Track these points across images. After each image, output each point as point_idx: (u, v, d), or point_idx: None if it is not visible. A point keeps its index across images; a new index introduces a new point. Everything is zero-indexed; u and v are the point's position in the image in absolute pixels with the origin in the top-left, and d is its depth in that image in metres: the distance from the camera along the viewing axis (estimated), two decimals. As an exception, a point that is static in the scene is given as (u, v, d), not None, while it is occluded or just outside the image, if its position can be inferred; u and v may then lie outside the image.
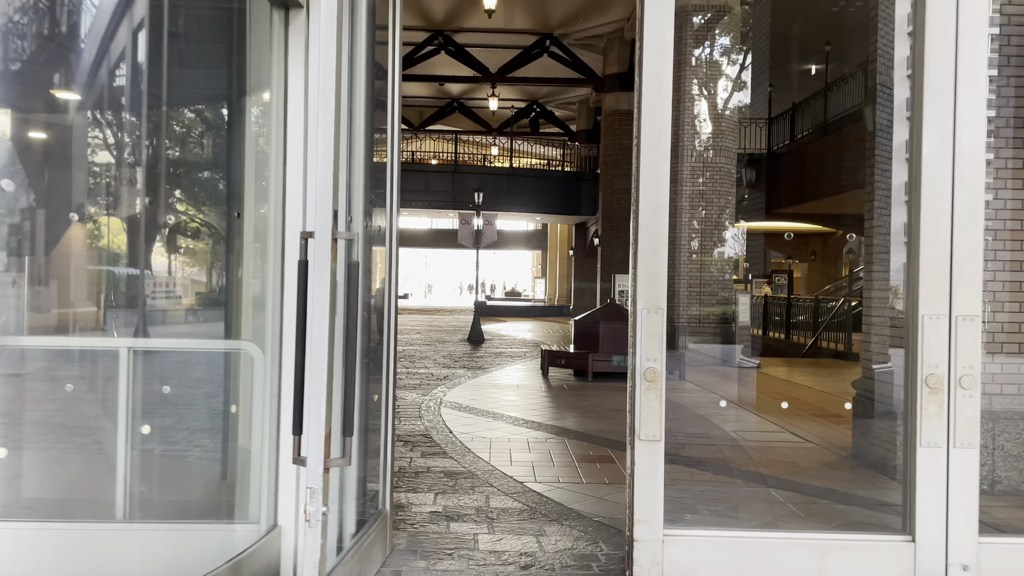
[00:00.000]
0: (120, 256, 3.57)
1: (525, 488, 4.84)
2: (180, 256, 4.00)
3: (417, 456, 5.66)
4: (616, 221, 19.66)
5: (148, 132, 3.55)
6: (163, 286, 3.93)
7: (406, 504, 4.40)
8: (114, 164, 3.55)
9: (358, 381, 3.19)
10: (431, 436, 6.40)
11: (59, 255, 3.47)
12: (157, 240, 3.62)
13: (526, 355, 13.82)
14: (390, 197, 3.48)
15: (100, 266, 3.55)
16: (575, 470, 5.35)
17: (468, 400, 8.43)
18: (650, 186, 3.15)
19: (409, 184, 24.38)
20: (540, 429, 6.85)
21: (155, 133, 3.64)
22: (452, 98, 28.27)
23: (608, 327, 10.52)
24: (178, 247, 3.82)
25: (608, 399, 8.79)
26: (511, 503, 4.49)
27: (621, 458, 5.71)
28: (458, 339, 17.17)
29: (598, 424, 7.14)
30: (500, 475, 5.14)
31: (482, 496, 4.62)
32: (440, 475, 5.10)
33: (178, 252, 3.99)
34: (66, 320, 3.63)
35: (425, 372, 11.00)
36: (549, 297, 35.46)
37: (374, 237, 3.56)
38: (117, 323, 3.52)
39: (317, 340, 2.54)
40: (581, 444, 6.25)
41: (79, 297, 3.62)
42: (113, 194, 3.47)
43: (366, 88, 3.21)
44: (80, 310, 3.52)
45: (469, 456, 5.68)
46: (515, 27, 20.68)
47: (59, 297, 3.58)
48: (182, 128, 4.05)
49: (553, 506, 4.46)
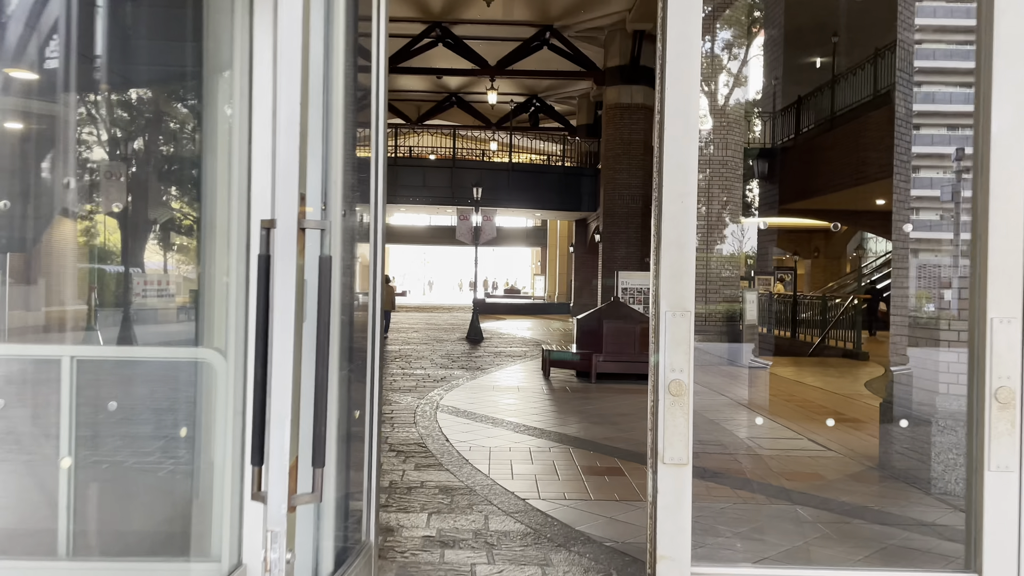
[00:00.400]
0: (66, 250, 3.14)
1: (528, 506, 4.41)
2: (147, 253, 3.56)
3: (410, 468, 5.22)
4: (617, 217, 19.23)
5: (86, 112, 3.12)
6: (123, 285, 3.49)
7: (396, 527, 3.96)
8: (49, 148, 3.10)
9: (336, 394, 2.75)
10: (426, 445, 5.97)
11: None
12: (94, 233, 3.19)
13: (526, 355, 13.38)
14: (375, 183, 3.04)
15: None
16: (582, 484, 4.92)
17: (466, 404, 8.00)
18: (676, 168, 2.71)
19: (406, 179, 23.93)
20: (542, 436, 6.41)
21: (93, 113, 3.20)
22: (450, 92, 27.78)
23: (612, 326, 10.09)
24: (135, 242, 3.38)
25: (613, 402, 8.36)
26: (512, 525, 4.06)
27: (631, 469, 5.28)
28: (456, 338, 16.73)
29: (604, 431, 6.71)
30: (500, 491, 4.71)
31: (480, 516, 4.18)
32: (435, 491, 4.67)
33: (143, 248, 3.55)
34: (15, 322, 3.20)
35: (422, 373, 10.57)
36: (549, 294, 35.01)
37: (357, 232, 3.11)
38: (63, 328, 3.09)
39: (280, 351, 2.10)
40: (587, 454, 5.81)
41: (22, 297, 3.18)
42: (42, 181, 3.03)
43: (346, 56, 2.76)
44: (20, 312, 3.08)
45: (466, 468, 5.25)
46: (514, 19, 20.20)
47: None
48: (133, 109, 3.60)
49: (559, 528, 4.03)
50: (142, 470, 3.12)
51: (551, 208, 25.46)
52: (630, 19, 18.37)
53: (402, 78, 25.57)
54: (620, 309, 10.62)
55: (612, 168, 19.32)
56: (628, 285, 14.91)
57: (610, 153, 19.49)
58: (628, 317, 10.35)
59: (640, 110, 19.20)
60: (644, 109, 19.26)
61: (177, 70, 3.12)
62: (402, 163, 24.24)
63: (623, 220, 19.17)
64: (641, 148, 19.15)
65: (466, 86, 26.85)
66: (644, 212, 18.60)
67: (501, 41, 21.45)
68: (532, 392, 9.07)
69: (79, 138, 3.26)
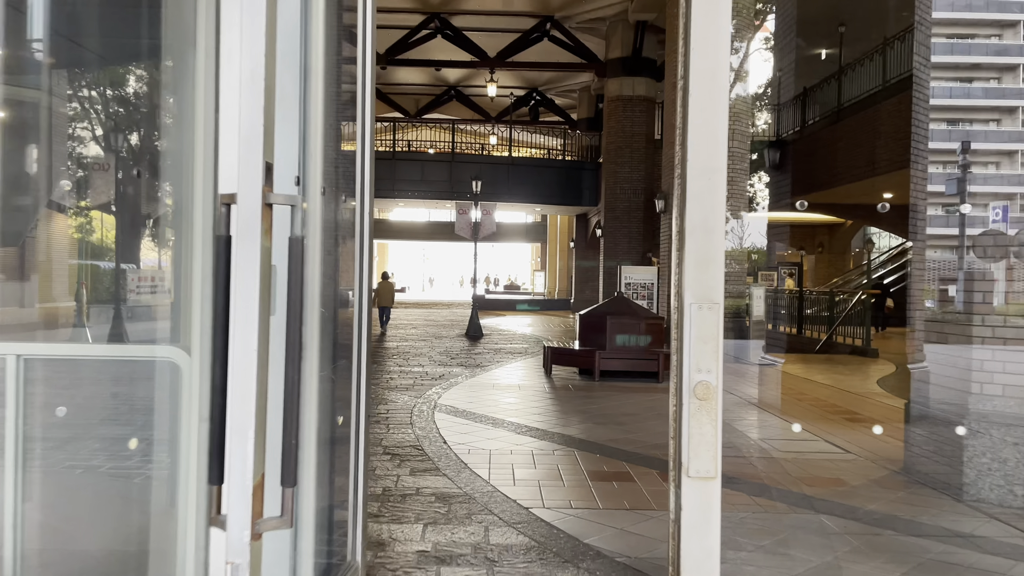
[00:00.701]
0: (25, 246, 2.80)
1: (531, 516, 4.08)
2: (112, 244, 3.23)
3: (405, 474, 4.90)
4: (619, 211, 18.88)
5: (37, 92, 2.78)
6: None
7: (388, 541, 3.63)
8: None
9: (314, 398, 2.42)
10: (423, 447, 5.64)
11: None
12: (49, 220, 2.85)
13: (527, 351, 13.05)
14: (361, 159, 2.70)
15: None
16: (588, 491, 4.59)
17: (465, 403, 7.67)
18: (703, 140, 2.37)
19: (405, 173, 23.58)
20: (545, 438, 6.08)
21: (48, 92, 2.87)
22: (449, 85, 27.41)
23: (616, 322, 9.75)
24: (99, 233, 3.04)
25: (618, 401, 8.03)
26: (515, 537, 3.73)
27: (641, 474, 4.96)
28: (455, 334, 16.41)
29: (610, 432, 6.38)
30: (501, 498, 4.38)
31: (480, 528, 3.85)
32: (431, 499, 4.34)
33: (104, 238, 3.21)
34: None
35: (420, 371, 10.24)
36: (549, 290, 34.67)
37: (343, 213, 2.78)
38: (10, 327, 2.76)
39: (242, 349, 1.77)
40: (593, 457, 5.48)
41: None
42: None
43: (327, 12, 2.42)
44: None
45: (465, 473, 4.92)
46: (514, 9, 19.84)
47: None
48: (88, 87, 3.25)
49: (565, 541, 3.70)
50: (95, 485, 2.80)
51: (551, 203, 25.10)
52: (632, 9, 18.00)
53: (400, 71, 25.21)
54: (624, 304, 10.28)
55: (614, 161, 18.97)
56: (631, 280, 14.57)
57: (612, 146, 19.14)
58: (633, 313, 10.02)
59: (642, 102, 18.86)
60: (646, 101, 18.92)
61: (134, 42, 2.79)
62: (400, 157, 23.89)
63: (625, 214, 18.83)
64: (643, 141, 18.81)
65: (465, 79, 26.49)
66: (646, 206, 18.25)
67: (501, 32, 21.09)
68: (533, 390, 8.74)
69: (23, 121, 2.92)
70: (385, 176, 23.40)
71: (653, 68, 18.89)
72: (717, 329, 2.36)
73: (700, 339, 2.38)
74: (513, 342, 14.93)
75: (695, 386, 2.36)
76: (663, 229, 13.94)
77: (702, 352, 2.37)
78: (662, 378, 9.57)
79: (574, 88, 26.26)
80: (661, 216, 14.10)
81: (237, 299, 1.78)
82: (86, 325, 2.80)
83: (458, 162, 23.92)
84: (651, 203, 17.07)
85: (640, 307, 10.79)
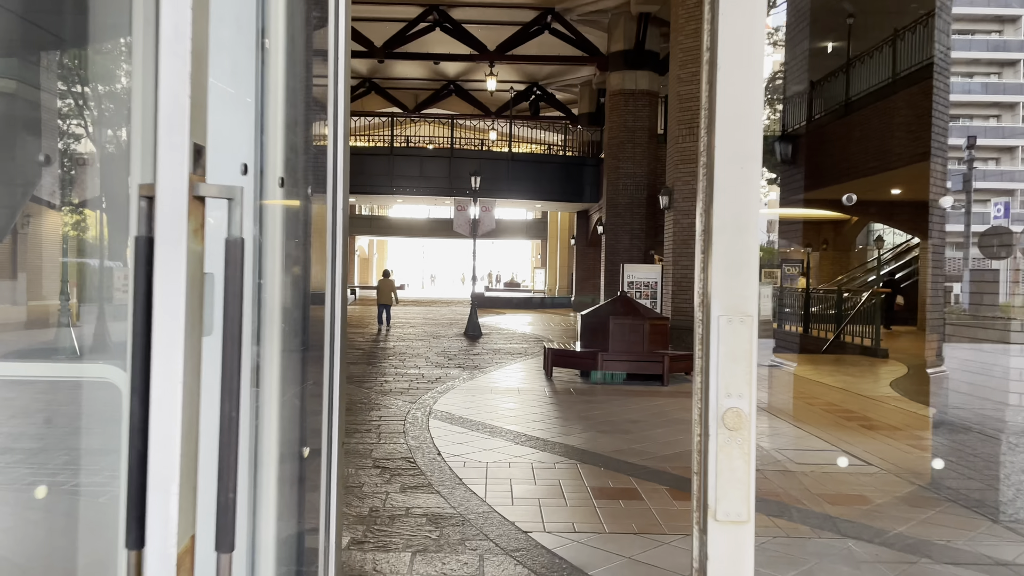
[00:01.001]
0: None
1: (531, 541, 3.72)
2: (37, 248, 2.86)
3: (395, 491, 4.54)
4: (621, 208, 18.50)
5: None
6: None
7: (371, 573, 3.27)
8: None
9: (275, 428, 2.05)
10: (415, 460, 5.28)
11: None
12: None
13: (527, 351, 12.69)
14: (334, 140, 2.32)
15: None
16: (593, 511, 4.23)
17: (462, 409, 7.31)
18: (733, 123, 2.00)
19: (403, 169, 23.21)
20: (546, 449, 5.72)
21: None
22: (448, 80, 27.01)
23: (619, 323, 9.39)
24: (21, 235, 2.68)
25: (622, 406, 7.67)
26: (512, 568, 3.37)
27: (649, 491, 4.60)
28: (454, 333, 16.05)
29: (614, 441, 6.02)
30: (498, 520, 4.02)
31: (474, 556, 3.49)
32: (422, 521, 3.98)
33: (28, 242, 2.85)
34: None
35: (416, 373, 9.88)
36: (549, 288, 34.30)
37: (312, 214, 2.40)
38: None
39: (165, 380, 1.41)
40: (597, 470, 5.12)
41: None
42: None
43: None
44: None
45: (460, 490, 4.56)
46: (514, 1, 19.45)
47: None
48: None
49: (569, 574, 3.34)
50: (19, 529, 2.43)
51: (552, 199, 24.73)
52: (635, 1, 17.60)
53: (398, 65, 24.82)
54: (627, 304, 9.91)
55: (616, 157, 18.59)
56: (634, 279, 14.20)
57: (613, 141, 18.75)
58: (636, 313, 9.65)
59: (644, 96, 18.47)
60: (649, 95, 18.53)
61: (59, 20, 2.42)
62: (399, 153, 23.52)
63: (627, 211, 18.45)
64: (646, 136, 18.42)
65: (465, 73, 26.10)
66: (649, 202, 17.87)
67: (501, 25, 20.70)
68: (533, 395, 8.38)
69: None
70: (383, 172, 23.04)
71: (656, 61, 18.50)
72: (751, 346, 1.99)
73: (730, 358, 2.00)
74: (513, 342, 14.57)
75: (724, 413, 1.99)
76: (667, 226, 13.56)
77: (732, 373, 2.00)
78: (666, 381, 9.21)
79: (575, 82, 25.86)
80: (665, 213, 13.72)
81: (160, 316, 1.40)
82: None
83: (457, 158, 23.55)
84: (654, 199, 16.69)
85: (644, 307, 10.43)
